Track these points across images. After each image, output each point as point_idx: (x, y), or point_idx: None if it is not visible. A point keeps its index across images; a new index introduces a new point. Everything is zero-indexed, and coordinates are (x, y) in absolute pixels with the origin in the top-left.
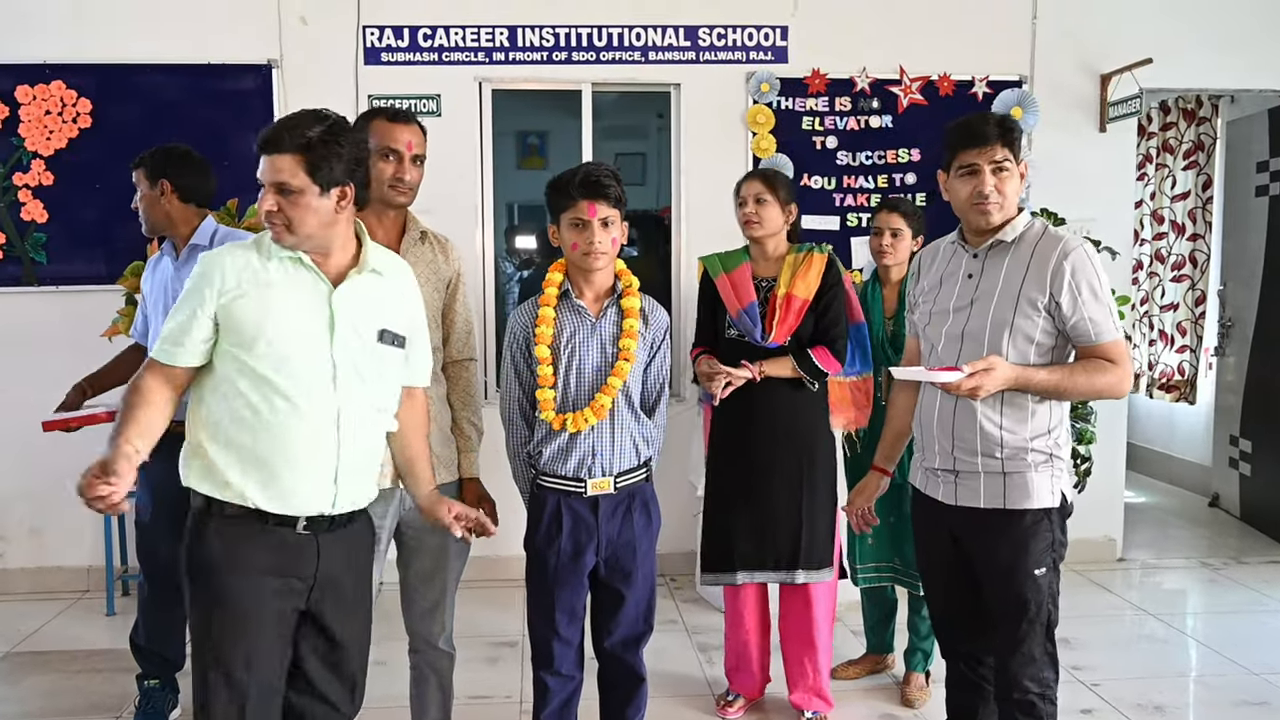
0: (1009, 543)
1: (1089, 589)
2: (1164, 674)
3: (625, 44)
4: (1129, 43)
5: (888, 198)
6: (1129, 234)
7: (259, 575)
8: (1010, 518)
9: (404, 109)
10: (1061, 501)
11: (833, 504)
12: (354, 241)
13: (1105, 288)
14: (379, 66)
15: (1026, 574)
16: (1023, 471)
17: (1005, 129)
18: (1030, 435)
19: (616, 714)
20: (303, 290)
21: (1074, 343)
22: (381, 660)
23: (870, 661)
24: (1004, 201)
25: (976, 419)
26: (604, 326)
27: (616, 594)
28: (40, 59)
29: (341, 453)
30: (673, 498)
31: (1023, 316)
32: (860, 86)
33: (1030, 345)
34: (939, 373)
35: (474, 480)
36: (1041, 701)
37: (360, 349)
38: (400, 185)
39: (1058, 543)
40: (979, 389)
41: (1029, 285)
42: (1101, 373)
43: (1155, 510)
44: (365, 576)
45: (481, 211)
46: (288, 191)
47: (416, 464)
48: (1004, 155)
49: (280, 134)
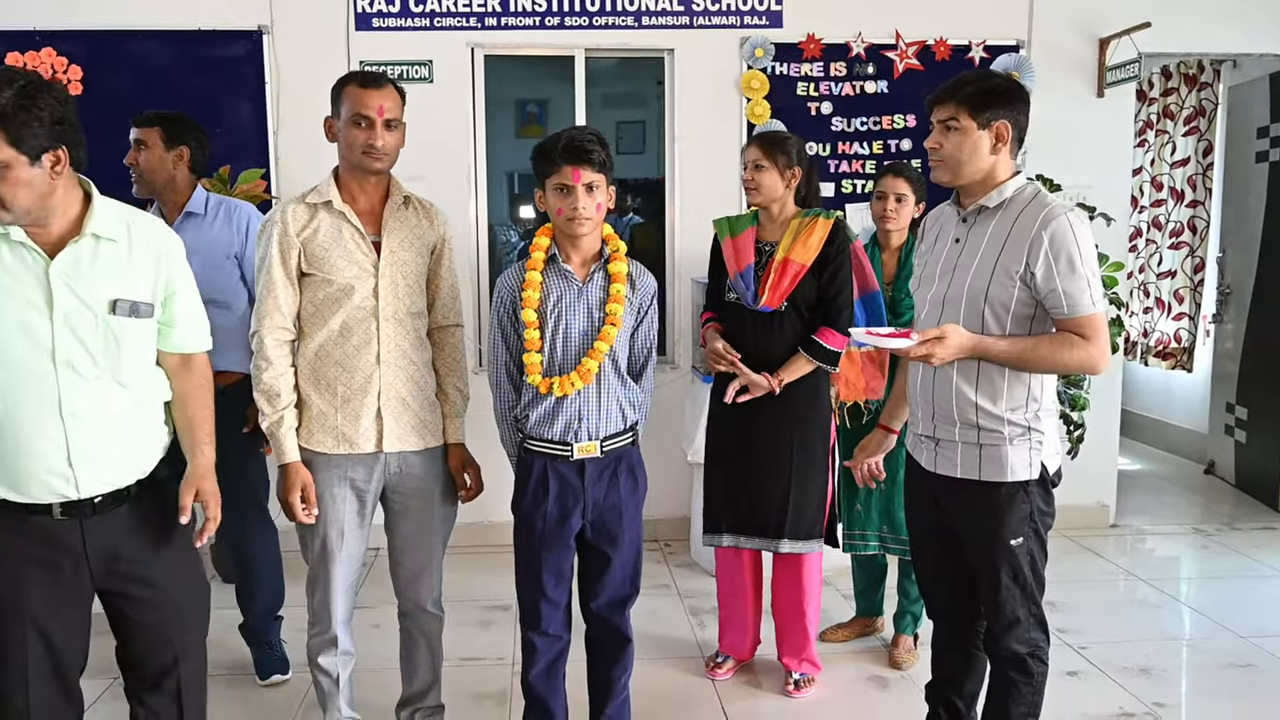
0: (984, 513)
1: (1080, 554)
2: (1152, 637)
3: (619, 9)
4: (1128, 6)
5: (893, 162)
6: (1126, 200)
7: (21, 564)
8: (986, 489)
9: (377, 72)
10: (1042, 473)
11: (825, 476)
12: (79, 205)
13: (1087, 260)
14: (370, 32)
15: (1003, 544)
16: (998, 445)
17: (961, 84)
18: (1008, 408)
19: (604, 674)
20: (13, 271)
21: (1049, 314)
22: (375, 623)
23: (859, 624)
24: (946, 159)
25: (952, 389)
26: (591, 291)
27: (603, 556)
28: (30, 25)
29: (70, 436)
30: (666, 463)
31: (998, 285)
32: (856, 52)
33: (1007, 314)
34: (890, 339)
35: (459, 445)
36: (1032, 660)
37: (91, 322)
38: (374, 152)
39: (1037, 512)
40: (930, 356)
41: (1007, 253)
42: (1069, 347)
43: (1150, 477)
44: (173, 547)
45: (474, 178)
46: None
47: (190, 431)
48: (950, 113)
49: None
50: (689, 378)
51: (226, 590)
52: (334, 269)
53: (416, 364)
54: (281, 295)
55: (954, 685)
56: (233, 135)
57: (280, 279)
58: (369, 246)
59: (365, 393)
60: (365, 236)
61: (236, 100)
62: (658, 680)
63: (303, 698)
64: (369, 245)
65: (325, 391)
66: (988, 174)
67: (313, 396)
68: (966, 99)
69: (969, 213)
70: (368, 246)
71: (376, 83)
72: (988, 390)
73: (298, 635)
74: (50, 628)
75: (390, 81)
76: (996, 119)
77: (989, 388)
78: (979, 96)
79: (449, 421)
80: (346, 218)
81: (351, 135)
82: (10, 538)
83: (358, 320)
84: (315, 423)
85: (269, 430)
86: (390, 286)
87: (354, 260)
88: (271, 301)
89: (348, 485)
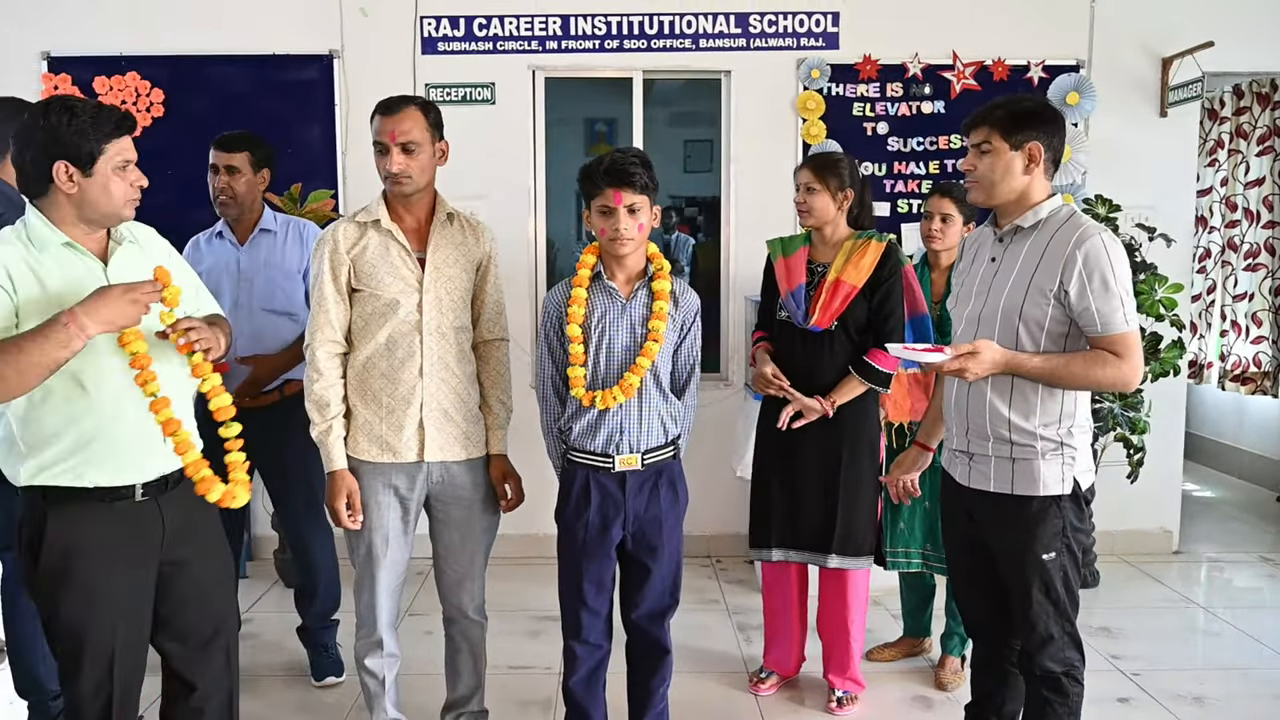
0: (1017, 527)
1: (1141, 580)
2: (1208, 666)
3: (676, 31)
4: (1191, 25)
5: (941, 183)
6: (1189, 221)
7: (111, 550)
8: (1018, 503)
9: (396, 97)
10: (1075, 489)
11: (873, 493)
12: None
13: (1120, 279)
14: (435, 56)
15: (1035, 558)
16: (1030, 459)
17: (994, 108)
18: (1041, 423)
19: (643, 684)
20: (79, 274)
21: (1083, 332)
22: (428, 630)
23: (907, 644)
24: (980, 180)
25: (986, 404)
26: (634, 308)
27: (643, 568)
28: (117, 51)
29: (155, 420)
30: (718, 479)
31: (1032, 304)
32: (912, 72)
33: (1041, 332)
34: (925, 353)
35: (501, 456)
36: (1067, 680)
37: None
38: (394, 176)
39: (1070, 528)
40: (964, 371)
41: (1041, 272)
42: (1102, 364)
43: (1219, 504)
44: (209, 515)
45: (534, 196)
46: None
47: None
48: (983, 136)
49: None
50: (742, 395)
51: (286, 595)
52: (381, 285)
53: (459, 377)
54: (332, 310)
55: (992, 705)
56: (303, 156)
57: (331, 294)
58: (414, 263)
59: (408, 404)
60: (411, 254)
61: (307, 122)
62: (700, 693)
63: (355, 699)
64: (414, 262)
65: (371, 402)
66: (1022, 194)
67: (359, 407)
68: (998, 122)
69: (1005, 232)
70: (413, 263)
71: (391, 109)
72: (1021, 405)
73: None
74: (132, 605)
75: (414, 101)
76: (1029, 140)
77: (1022, 403)
78: (1011, 119)
79: (492, 433)
80: (394, 236)
81: (376, 162)
82: (98, 525)
83: (402, 334)
84: (361, 432)
85: (318, 439)
86: (434, 302)
87: (400, 276)
88: (323, 316)
89: (392, 492)
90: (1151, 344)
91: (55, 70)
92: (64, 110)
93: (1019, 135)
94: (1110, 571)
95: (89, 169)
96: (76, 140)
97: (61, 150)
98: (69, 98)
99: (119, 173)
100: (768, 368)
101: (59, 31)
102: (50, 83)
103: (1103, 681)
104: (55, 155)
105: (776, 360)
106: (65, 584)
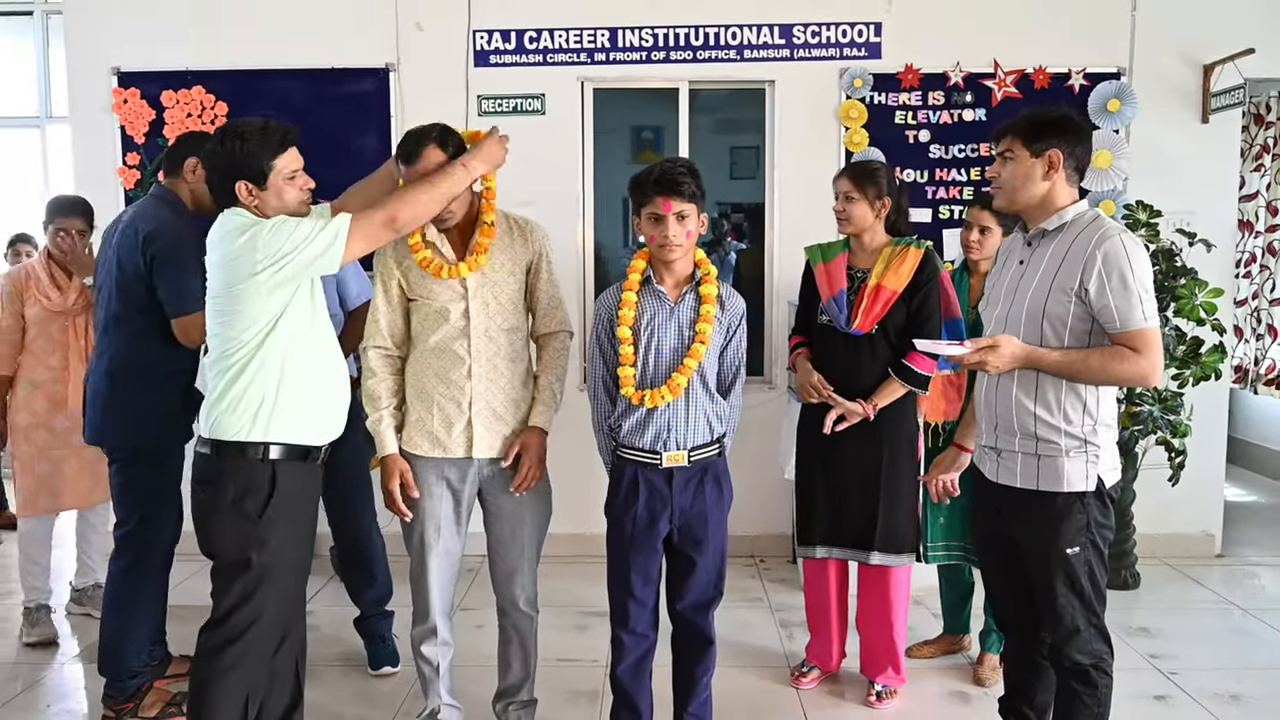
0: (1042, 522)
1: (1182, 582)
2: (1247, 666)
3: (721, 43)
4: (1232, 32)
5: (981, 193)
6: (1231, 226)
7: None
8: (1043, 498)
9: (413, 137)
10: (1099, 487)
11: (915, 491)
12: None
13: (1139, 277)
14: (487, 68)
15: (1059, 552)
16: (1055, 456)
17: (1019, 119)
18: (1065, 421)
19: (688, 673)
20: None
21: (1104, 329)
22: (479, 624)
23: (946, 642)
24: (1003, 185)
25: (1013, 400)
26: (682, 311)
27: (689, 560)
28: (183, 66)
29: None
30: (763, 480)
31: (1055, 302)
32: (954, 81)
33: (1065, 329)
34: (949, 346)
35: (538, 430)
36: (1095, 672)
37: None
38: (436, 215)
39: (1094, 524)
40: (985, 364)
41: (1064, 271)
42: (1120, 360)
43: (1264, 509)
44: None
45: (583, 203)
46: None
47: None
48: (1007, 144)
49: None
50: (785, 397)
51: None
52: (430, 294)
53: (509, 377)
54: (383, 318)
55: (1025, 697)
56: (360, 166)
57: (383, 304)
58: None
59: (458, 403)
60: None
61: (364, 133)
62: (744, 686)
63: (410, 687)
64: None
65: (425, 400)
66: (1044, 199)
67: (415, 404)
68: (1020, 131)
69: (1032, 236)
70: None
71: (411, 157)
72: (1046, 403)
73: (408, 631)
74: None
75: (429, 138)
76: (1049, 148)
77: (1047, 400)
78: (1032, 128)
79: (535, 406)
80: (439, 247)
81: None
82: (305, 482)
83: (451, 338)
84: (414, 428)
85: (371, 428)
86: (481, 307)
87: (447, 285)
88: (374, 325)
89: (444, 485)
90: (1192, 348)
91: (125, 85)
92: (235, 136)
93: (1039, 143)
94: (1151, 574)
95: (263, 184)
96: (249, 162)
97: (239, 172)
98: (239, 123)
99: (289, 182)
100: (813, 377)
101: (128, 47)
102: (120, 96)
103: (1140, 680)
104: (235, 177)
105: (817, 363)
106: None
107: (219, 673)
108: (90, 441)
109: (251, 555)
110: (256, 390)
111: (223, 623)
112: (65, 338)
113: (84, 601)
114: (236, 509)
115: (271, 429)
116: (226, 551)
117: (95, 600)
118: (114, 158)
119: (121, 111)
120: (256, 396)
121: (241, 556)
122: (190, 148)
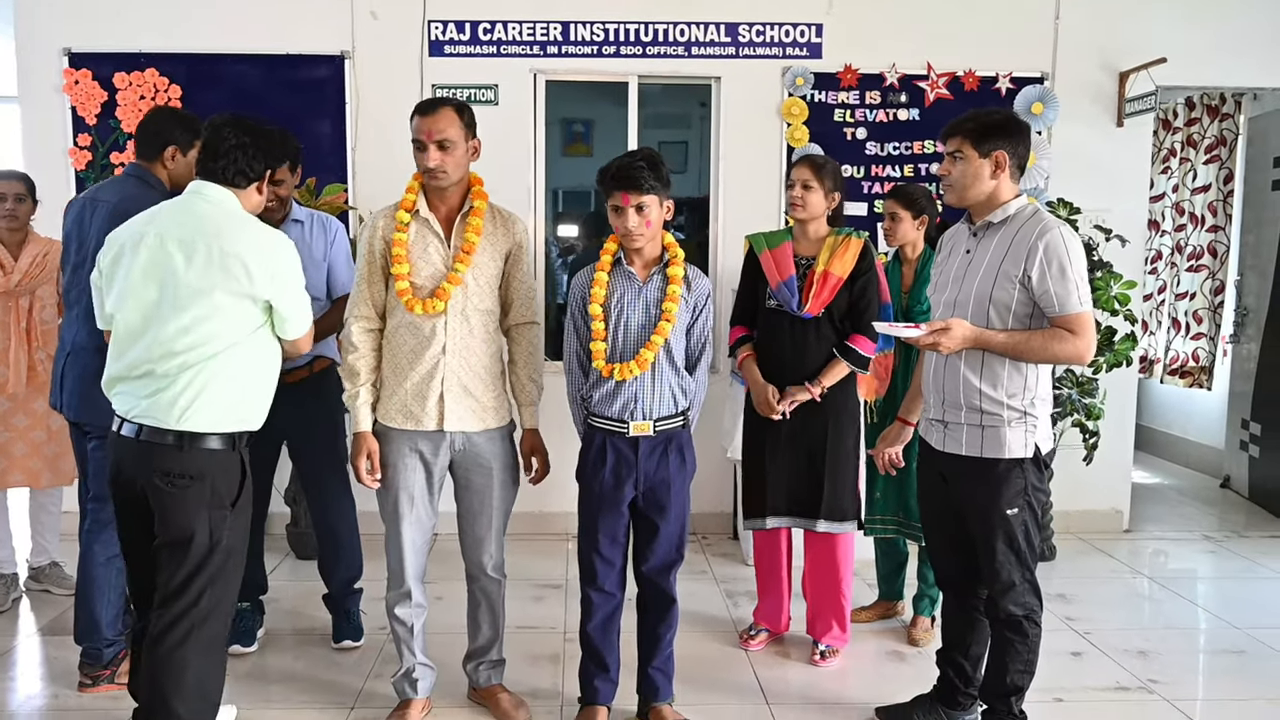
0: (984, 485)
1: (1092, 554)
2: (1152, 626)
3: (670, 39)
4: (1148, 42)
5: (895, 186)
6: (1142, 224)
7: None
8: (986, 464)
9: (434, 99)
10: (1035, 453)
11: (856, 463)
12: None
13: (1076, 266)
14: (442, 58)
15: (999, 513)
16: (997, 426)
17: (966, 120)
18: (1007, 394)
19: (651, 631)
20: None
21: (1044, 312)
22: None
23: (882, 607)
24: (954, 184)
25: (960, 377)
26: (649, 290)
27: (652, 524)
28: (136, 48)
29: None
30: (706, 461)
31: (1000, 288)
32: (890, 81)
33: (1008, 313)
34: (903, 329)
35: (531, 431)
36: (1027, 622)
37: None
38: (431, 171)
39: (1031, 488)
40: (938, 345)
41: (1009, 261)
42: (1059, 340)
43: (1168, 490)
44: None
45: (534, 195)
46: None
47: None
48: (956, 145)
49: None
50: (728, 381)
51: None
52: (413, 269)
53: (481, 355)
54: (368, 290)
55: (960, 648)
56: (316, 151)
57: (367, 276)
58: (447, 250)
59: (431, 378)
60: (444, 241)
61: (319, 119)
62: (698, 648)
63: (378, 653)
64: (447, 249)
65: (399, 374)
66: (990, 195)
67: (390, 378)
68: (969, 132)
69: (978, 228)
70: (444, 250)
71: (428, 109)
72: (990, 379)
73: (374, 604)
74: None
75: (450, 103)
76: (995, 149)
77: (991, 377)
78: (980, 130)
79: (524, 410)
80: (430, 225)
81: (415, 158)
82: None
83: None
84: (389, 401)
85: (348, 402)
86: (460, 286)
87: (430, 262)
88: (359, 295)
89: (417, 456)
90: (1106, 337)
91: (76, 66)
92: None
93: (987, 144)
94: (1065, 546)
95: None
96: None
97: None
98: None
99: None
100: (768, 392)
101: (80, 27)
102: (71, 77)
103: (1058, 639)
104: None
105: (764, 346)
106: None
107: (202, 650)
108: (71, 420)
109: (224, 538)
110: (231, 385)
111: (195, 604)
112: (7, 319)
113: (41, 579)
114: (216, 498)
115: (241, 419)
116: (200, 538)
117: (53, 578)
118: (64, 138)
119: (73, 92)
120: (233, 390)
121: (214, 540)
122: (167, 133)
